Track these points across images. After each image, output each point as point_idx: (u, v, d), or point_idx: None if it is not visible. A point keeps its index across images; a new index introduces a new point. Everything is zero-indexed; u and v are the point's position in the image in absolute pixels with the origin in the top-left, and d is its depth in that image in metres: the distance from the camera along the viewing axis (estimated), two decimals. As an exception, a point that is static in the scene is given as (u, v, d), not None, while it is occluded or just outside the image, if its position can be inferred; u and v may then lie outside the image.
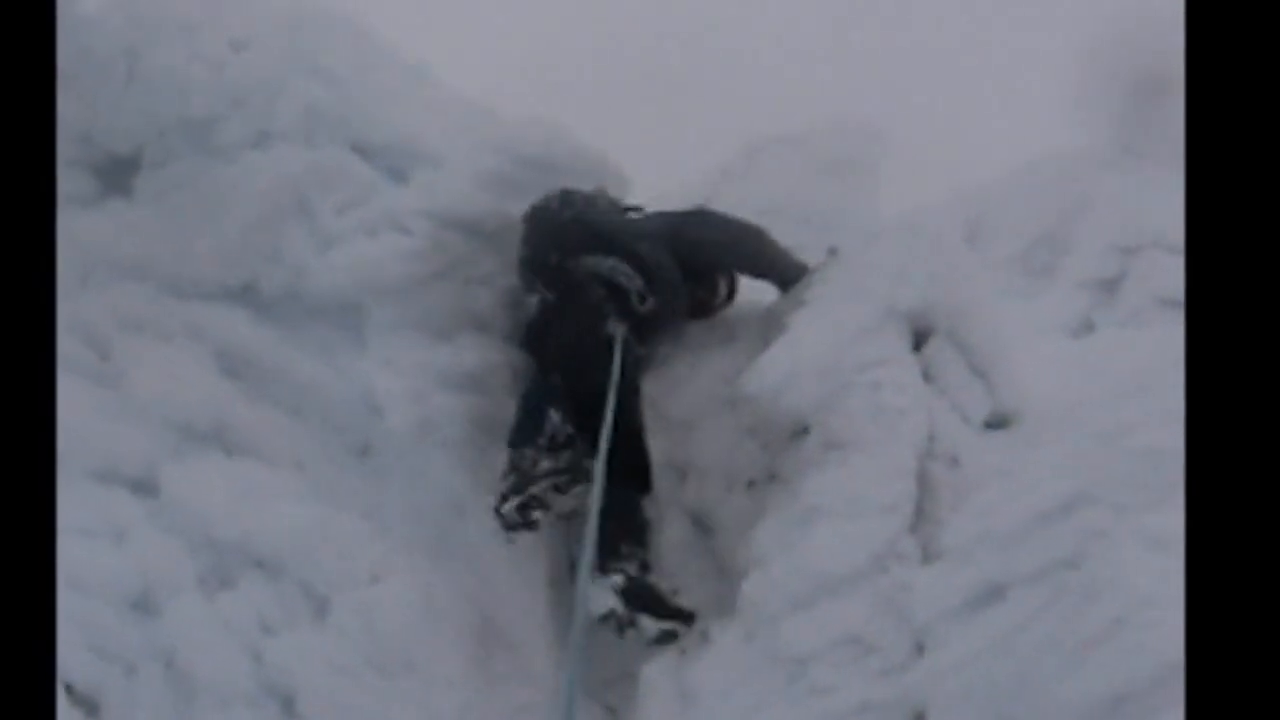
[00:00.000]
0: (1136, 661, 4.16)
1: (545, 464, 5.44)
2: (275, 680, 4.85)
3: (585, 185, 6.30)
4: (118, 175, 6.10)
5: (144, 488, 5.14)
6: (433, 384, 5.69)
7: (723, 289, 6.26)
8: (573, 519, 5.70)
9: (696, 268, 6.10)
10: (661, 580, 5.51)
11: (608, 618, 5.35)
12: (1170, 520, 4.51)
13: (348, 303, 5.85)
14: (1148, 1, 7.36)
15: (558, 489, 5.46)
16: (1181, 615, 4.10)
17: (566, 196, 6.04)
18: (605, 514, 5.37)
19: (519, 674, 5.26)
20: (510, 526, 5.39)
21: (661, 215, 6.24)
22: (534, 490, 5.39)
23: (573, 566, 5.75)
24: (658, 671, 5.13)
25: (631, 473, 5.63)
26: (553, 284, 5.84)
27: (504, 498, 5.37)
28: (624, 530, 5.47)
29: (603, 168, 6.44)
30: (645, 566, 5.52)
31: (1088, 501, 4.70)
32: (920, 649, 4.74)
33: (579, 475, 5.49)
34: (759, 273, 6.24)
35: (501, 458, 5.51)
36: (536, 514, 5.41)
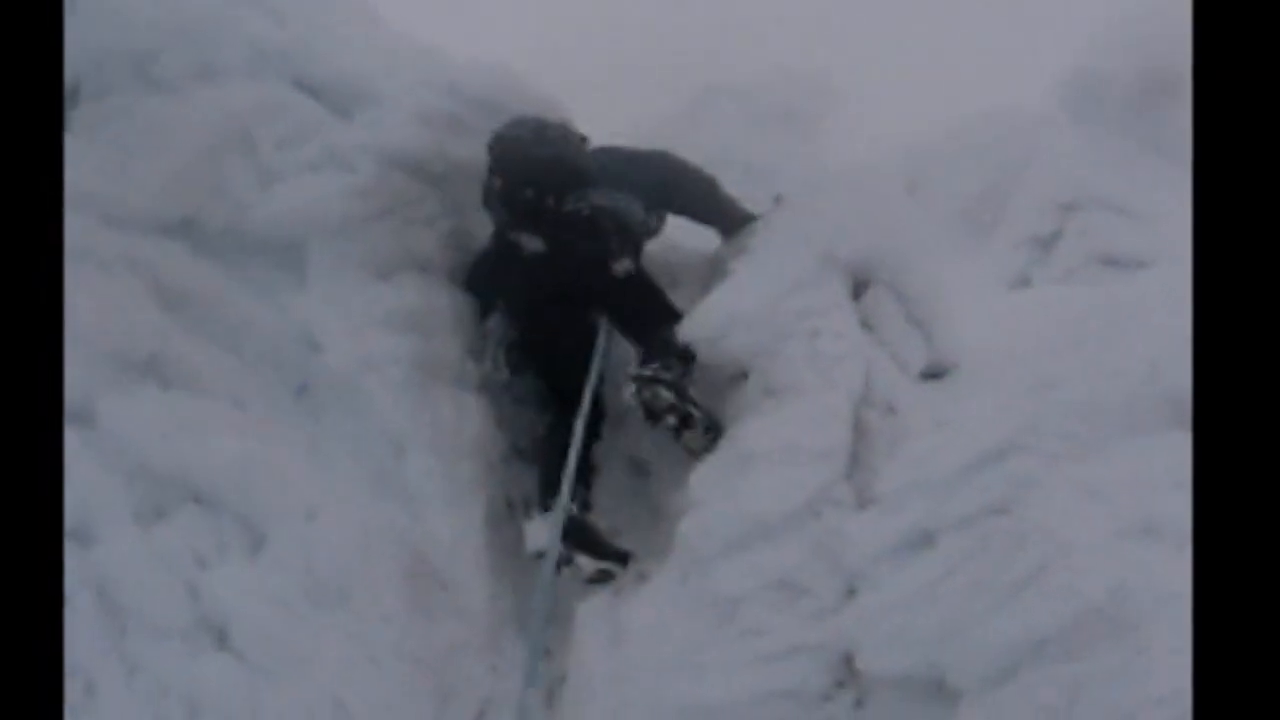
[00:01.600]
0: (1060, 605, 4.26)
1: None
2: (209, 613, 4.82)
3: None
4: (55, 107, 6.01)
5: (80, 418, 5.07)
6: (373, 323, 5.68)
7: (654, 223, 6.25)
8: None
9: (648, 205, 6.10)
10: (601, 521, 5.55)
11: (542, 555, 5.40)
12: (1099, 470, 4.62)
13: (289, 240, 5.80)
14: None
15: None
16: (1104, 559, 4.22)
17: (540, 130, 5.97)
18: (552, 452, 5.47)
19: (454, 611, 5.27)
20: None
21: (617, 153, 6.20)
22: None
23: (509, 505, 5.79)
24: (592, 611, 5.19)
25: (593, 416, 5.69)
26: (543, 225, 5.81)
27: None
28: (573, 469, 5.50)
29: (550, 111, 6.41)
30: (587, 506, 5.57)
31: (1019, 450, 4.78)
32: (851, 593, 4.82)
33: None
34: (708, 217, 6.26)
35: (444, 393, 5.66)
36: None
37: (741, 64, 7.84)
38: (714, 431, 5.53)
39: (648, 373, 5.57)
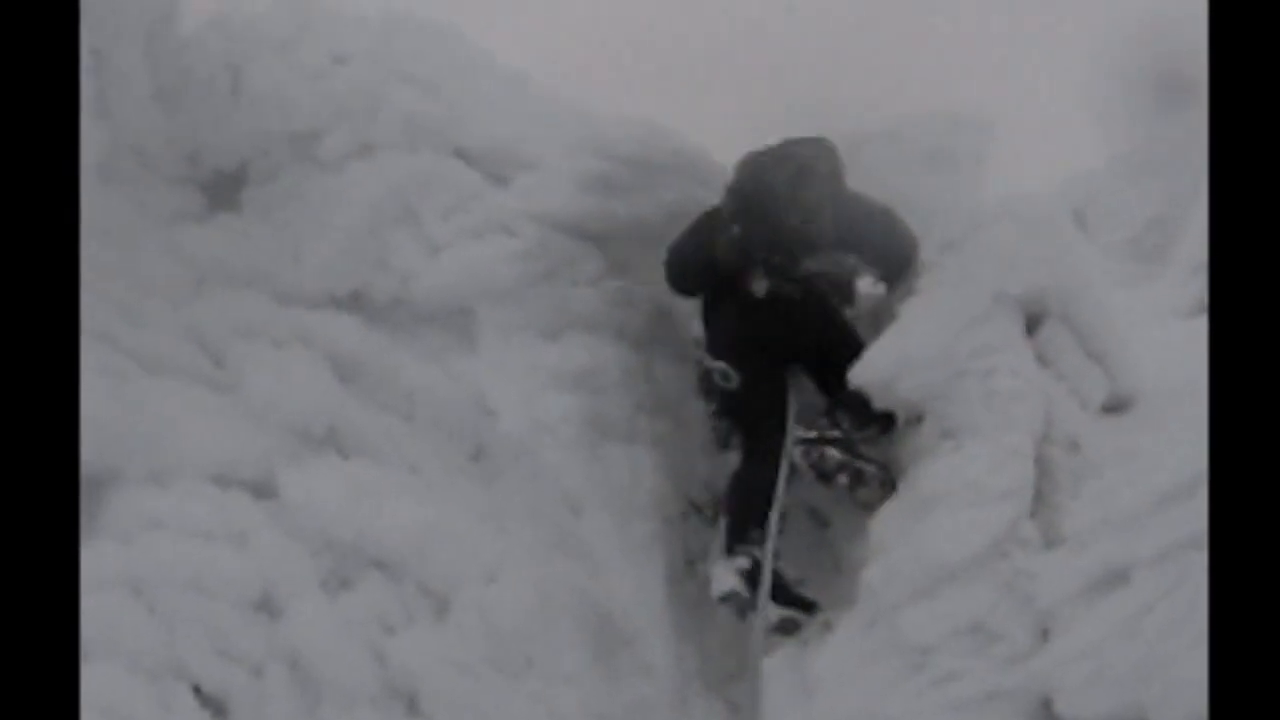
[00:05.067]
0: (1267, 639, 4.09)
1: None
2: (398, 679, 4.90)
3: (683, 183, 6.27)
4: (225, 191, 6.20)
5: (263, 490, 5.21)
6: (544, 385, 5.72)
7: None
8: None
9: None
10: (787, 568, 5.49)
11: (729, 598, 5.35)
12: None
13: (456, 306, 5.90)
14: None
15: None
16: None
17: (796, 184, 5.96)
18: (739, 496, 5.44)
19: (639, 669, 5.26)
20: None
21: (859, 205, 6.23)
22: None
23: (688, 561, 5.76)
24: (780, 663, 5.11)
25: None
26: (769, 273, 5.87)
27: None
28: (759, 515, 5.44)
29: (702, 165, 6.42)
30: (775, 553, 5.49)
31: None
32: (1045, 635, 4.69)
33: None
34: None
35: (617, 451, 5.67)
36: None
37: (892, 106, 7.77)
38: (889, 485, 5.45)
39: (813, 434, 5.52)
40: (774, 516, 5.37)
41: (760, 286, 5.78)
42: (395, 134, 6.14)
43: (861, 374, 5.44)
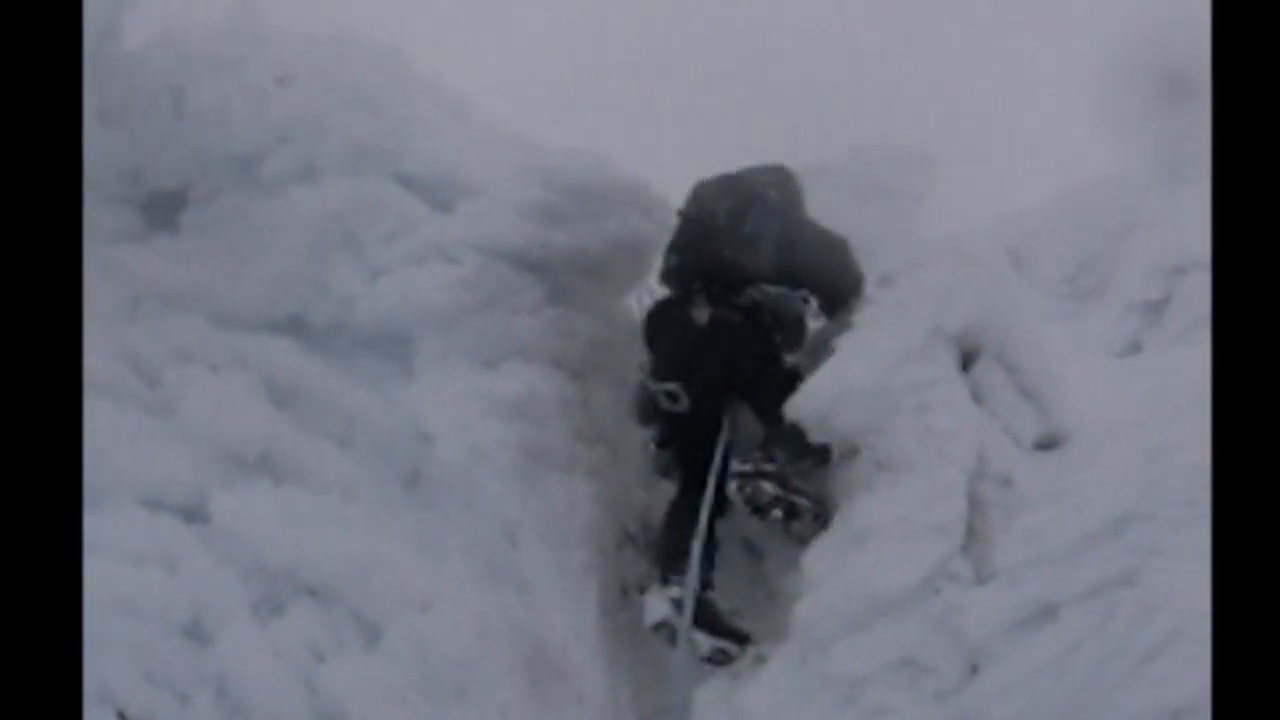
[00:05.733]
0: (1193, 675, 4.15)
1: None
2: (328, 708, 4.84)
3: (625, 213, 6.29)
4: (165, 211, 6.12)
5: (194, 515, 5.14)
6: (481, 412, 5.69)
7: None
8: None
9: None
10: (721, 600, 5.51)
11: (661, 627, 5.36)
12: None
13: (395, 333, 5.85)
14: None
15: None
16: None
17: (737, 218, 5.97)
18: (674, 525, 5.44)
19: (573, 700, 5.25)
20: None
21: (810, 232, 6.22)
22: None
23: (623, 590, 5.76)
24: (711, 695, 5.13)
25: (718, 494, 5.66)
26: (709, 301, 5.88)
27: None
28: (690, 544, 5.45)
29: (644, 196, 6.44)
30: (707, 583, 5.51)
31: (1140, 519, 4.71)
32: (974, 669, 4.74)
33: None
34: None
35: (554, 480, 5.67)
36: None
37: (836, 141, 7.82)
38: (823, 519, 5.47)
39: (748, 468, 5.54)
40: (696, 547, 5.39)
41: (701, 314, 5.80)
42: (337, 158, 6.09)
43: (798, 407, 5.47)
